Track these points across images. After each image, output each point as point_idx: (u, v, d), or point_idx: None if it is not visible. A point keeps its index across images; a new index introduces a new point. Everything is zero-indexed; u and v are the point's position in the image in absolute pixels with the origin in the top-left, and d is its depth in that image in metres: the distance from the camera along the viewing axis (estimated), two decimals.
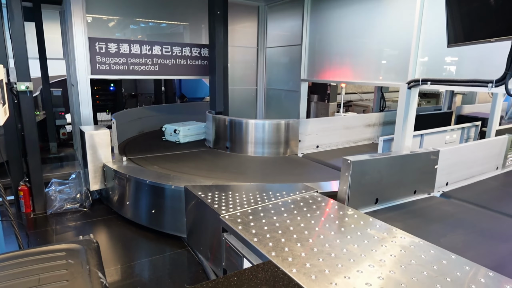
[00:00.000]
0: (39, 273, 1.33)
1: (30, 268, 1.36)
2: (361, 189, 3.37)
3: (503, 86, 3.09)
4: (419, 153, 3.89)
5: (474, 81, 3.32)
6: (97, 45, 5.05)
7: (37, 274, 1.32)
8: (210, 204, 3.13)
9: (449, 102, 7.97)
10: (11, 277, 1.31)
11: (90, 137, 4.44)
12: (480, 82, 3.26)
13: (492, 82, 3.16)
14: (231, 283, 2.00)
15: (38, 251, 1.51)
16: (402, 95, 3.97)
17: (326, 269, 2.14)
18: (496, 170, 5.13)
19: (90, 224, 4.35)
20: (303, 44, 5.39)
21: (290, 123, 5.46)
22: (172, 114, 7.75)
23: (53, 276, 1.31)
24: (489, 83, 3.19)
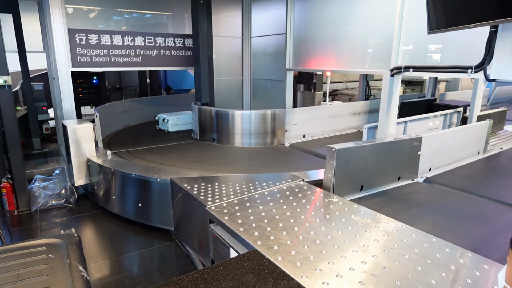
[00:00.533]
0: (18, 268, 1.31)
1: (9, 264, 1.34)
2: (346, 176, 3.42)
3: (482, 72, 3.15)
4: (403, 139, 3.95)
5: (455, 67, 3.37)
6: (77, 37, 4.92)
7: (16, 269, 1.30)
8: (196, 195, 3.13)
9: (432, 89, 8.08)
10: None
11: (73, 131, 4.36)
12: (460, 68, 3.31)
13: (471, 68, 3.21)
14: (217, 273, 2.01)
15: (18, 246, 1.49)
16: (385, 82, 4.00)
17: (311, 256, 2.17)
18: (477, 155, 5.25)
19: (76, 220, 4.30)
20: (288, 33, 5.36)
21: (276, 113, 5.46)
22: (158, 106, 7.66)
23: (33, 271, 1.30)
24: (468, 69, 3.24)
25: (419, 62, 3.88)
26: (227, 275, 1.99)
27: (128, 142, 5.64)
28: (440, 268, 1.97)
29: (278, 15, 5.89)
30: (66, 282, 1.25)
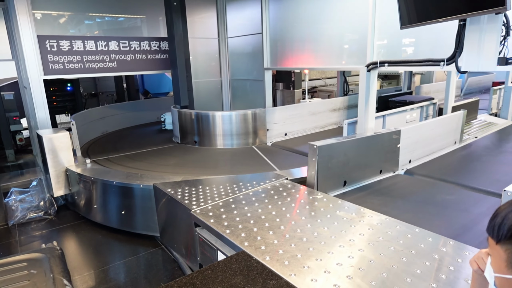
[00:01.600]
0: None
1: None
2: (329, 173, 3.46)
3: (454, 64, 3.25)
4: (382, 133, 4.03)
5: (428, 61, 3.46)
6: (48, 43, 4.76)
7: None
8: (181, 200, 3.09)
9: (408, 82, 8.29)
10: None
11: (49, 141, 4.22)
12: (433, 61, 3.41)
13: (443, 61, 3.31)
14: (205, 277, 1.99)
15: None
16: (362, 78, 4.07)
17: (299, 253, 2.18)
18: (454, 144, 5.42)
19: (57, 232, 4.16)
20: (264, 32, 5.37)
21: (257, 113, 5.47)
22: (136, 111, 7.53)
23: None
24: (441, 62, 3.33)
25: (394, 56, 3.96)
26: (215, 278, 1.97)
27: (108, 149, 5.51)
28: (424, 258, 2.02)
29: (253, 14, 5.89)
30: None
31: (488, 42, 3.02)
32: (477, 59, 3.11)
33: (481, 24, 3.02)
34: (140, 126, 7.41)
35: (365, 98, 4.11)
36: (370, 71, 4.03)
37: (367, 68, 4.00)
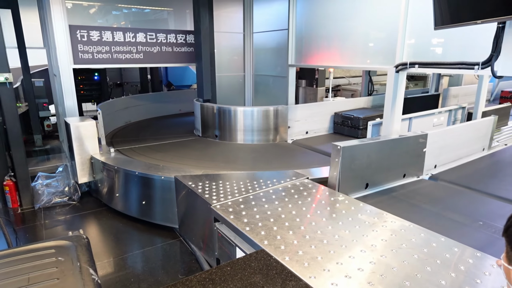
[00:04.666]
0: (28, 272, 1.30)
1: (19, 267, 1.33)
2: (351, 174, 3.40)
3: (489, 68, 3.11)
4: (408, 136, 3.93)
5: (461, 64, 3.33)
6: (78, 33, 4.88)
7: (27, 273, 1.29)
8: (201, 194, 3.12)
9: (436, 84, 8.03)
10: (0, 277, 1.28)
11: (76, 129, 4.33)
12: (466, 64, 3.27)
13: (478, 64, 3.17)
14: (224, 273, 2.00)
15: (27, 249, 1.47)
16: (390, 78, 3.97)
17: (319, 255, 2.16)
18: (482, 151, 5.23)
19: (80, 218, 4.29)
20: (290, 28, 5.31)
21: (279, 110, 5.43)
22: (159, 102, 7.63)
23: (43, 275, 1.28)
24: (475, 66, 3.20)
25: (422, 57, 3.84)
26: (235, 275, 1.98)
27: (131, 139, 5.62)
28: (450, 268, 1.96)
29: (280, 10, 5.83)
30: (77, 286, 1.24)
31: None
32: None
33: None
34: (162, 118, 7.51)
35: (392, 100, 4.01)
36: (399, 72, 3.92)
37: (396, 69, 3.89)
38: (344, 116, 5.91)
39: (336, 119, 6.07)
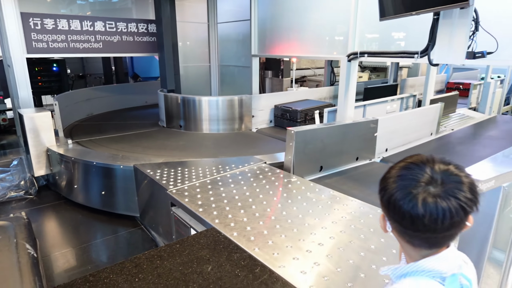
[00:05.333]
0: None
1: None
2: (305, 158, 3.55)
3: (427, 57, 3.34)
4: (359, 122, 4.14)
5: (403, 53, 3.55)
6: (31, 21, 4.71)
7: None
8: (159, 180, 3.16)
9: (394, 75, 8.40)
10: None
11: (30, 120, 4.22)
12: (407, 53, 3.49)
13: (417, 53, 3.39)
14: (173, 250, 2.08)
15: None
16: (343, 67, 4.14)
17: (265, 230, 2.29)
18: (430, 136, 5.58)
19: (38, 211, 4.20)
20: (252, 19, 5.38)
21: (243, 99, 5.52)
22: (124, 94, 7.50)
23: None
24: (415, 54, 3.42)
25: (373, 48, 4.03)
26: (183, 251, 2.07)
27: (92, 131, 5.52)
28: (381, 235, 2.14)
29: (243, 1, 5.88)
30: (11, 259, 1.28)
31: (458, 37, 3.11)
32: (447, 53, 3.21)
33: (453, 19, 3.10)
34: (127, 109, 7.40)
35: (345, 87, 4.19)
36: (351, 61, 4.10)
37: (348, 58, 4.07)
38: (283, 109, 5.71)
39: (276, 112, 5.85)
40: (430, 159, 0.87)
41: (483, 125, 6.77)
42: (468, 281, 0.87)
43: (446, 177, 0.82)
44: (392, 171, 0.89)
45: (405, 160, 0.90)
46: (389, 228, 0.91)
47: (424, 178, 0.82)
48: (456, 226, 0.82)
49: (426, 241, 0.86)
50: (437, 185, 0.81)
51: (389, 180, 0.87)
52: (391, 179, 0.87)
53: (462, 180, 0.82)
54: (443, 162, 0.86)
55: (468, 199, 0.81)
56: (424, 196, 0.80)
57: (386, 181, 0.88)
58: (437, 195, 0.80)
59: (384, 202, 0.88)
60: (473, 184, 0.83)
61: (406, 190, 0.83)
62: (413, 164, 0.86)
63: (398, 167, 0.89)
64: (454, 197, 0.80)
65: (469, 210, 0.82)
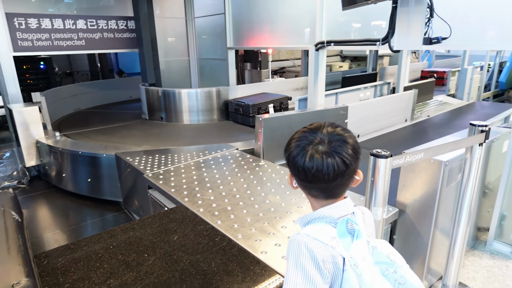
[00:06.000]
0: None
1: None
2: (274, 143, 3.84)
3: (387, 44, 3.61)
4: (329, 109, 4.43)
5: (366, 40, 3.82)
6: (16, 21, 4.92)
7: None
8: (137, 166, 3.44)
9: (373, 64, 8.67)
10: None
11: (19, 114, 4.46)
12: (370, 41, 3.76)
13: (379, 40, 3.67)
14: (145, 223, 2.38)
15: None
16: (311, 56, 4.42)
17: (229, 206, 2.58)
18: (405, 122, 5.88)
19: (29, 199, 4.47)
20: (227, 12, 5.61)
21: (220, 90, 5.78)
22: (109, 89, 7.72)
23: None
24: (377, 42, 3.69)
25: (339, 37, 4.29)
26: (153, 224, 2.36)
27: (79, 125, 5.77)
28: None
29: None
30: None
31: (415, 24, 3.37)
32: (406, 39, 3.47)
33: (410, 7, 3.36)
34: (112, 104, 7.63)
35: (315, 76, 4.47)
36: (319, 50, 4.37)
37: (316, 47, 4.34)
38: (236, 104, 5.65)
39: (230, 107, 5.79)
40: (323, 125, 1.05)
41: (461, 111, 7.03)
42: (356, 225, 1.03)
43: (332, 136, 0.99)
44: (294, 135, 1.07)
45: (305, 127, 1.09)
46: (295, 184, 1.10)
47: (316, 139, 0.99)
48: (341, 177, 0.98)
49: (321, 191, 1.02)
50: (325, 144, 0.98)
51: (291, 142, 1.06)
52: (293, 141, 1.05)
53: (346, 140, 0.99)
54: (332, 126, 1.04)
55: (349, 155, 0.97)
56: (312, 152, 0.97)
57: (289, 143, 1.07)
58: (323, 151, 0.97)
59: (287, 160, 1.06)
60: (355, 143, 1.02)
61: (301, 149, 1.00)
62: (309, 130, 1.05)
63: (299, 132, 1.07)
64: (337, 152, 0.97)
65: (349, 164, 0.98)
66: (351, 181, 1.05)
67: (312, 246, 0.96)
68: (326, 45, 4.23)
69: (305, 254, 0.96)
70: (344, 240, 0.99)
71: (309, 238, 0.98)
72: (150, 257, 1.97)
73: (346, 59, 10.83)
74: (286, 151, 1.06)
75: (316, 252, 0.95)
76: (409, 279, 0.99)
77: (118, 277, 1.79)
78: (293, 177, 1.08)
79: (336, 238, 0.99)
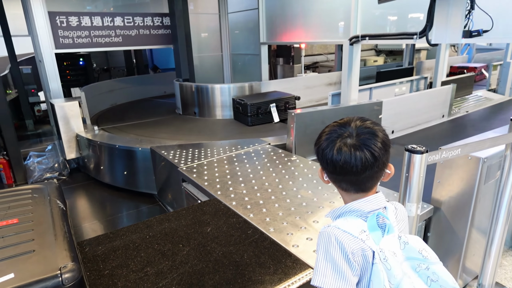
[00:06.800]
0: (9, 202, 1.71)
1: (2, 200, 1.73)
2: (306, 138, 3.79)
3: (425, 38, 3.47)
4: (362, 104, 4.31)
5: (403, 34, 3.68)
6: (58, 19, 5.16)
7: (8, 203, 1.70)
8: (171, 159, 3.52)
9: (410, 58, 8.35)
10: None
11: (61, 109, 4.69)
12: (407, 34, 3.62)
13: (416, 34, 3.52)
14: (179, 215, 2.43)
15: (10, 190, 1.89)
16: (345, 51, 4.31)
17: (261, 200, 2.58)
18: (442, 118, 5.62)
19: (70, 190, 4.70)
20: (260, 7, 5.59)
21: (253, 86, 5.78)
22: (144, 85, 7.95)
23: (21, 204, 1.69)
24: (414, 35, 3.55)
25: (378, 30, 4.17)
26: (187, 216, 2.41)
27: (115, 119, 5.99)
28: None
29: None
30: (46, 209, 1.65)
31: (454, 16, 3.22)
32: (445, 32, 3.32)
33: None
34: (147, 99, 7.85)
35: (348, 71, 4.37)
36: (353, 45, 4.26)
37: (350, 42, 4.23)
38: (237, 102, 5.36)
39: (233, 105, 5.54)
40: (352, 119, 1.05)
41: (502, 107, 6.64)
42: (387, 219, 1.03)
43: (361, 130, 0.99)
44: (325, 129, 1.08)
45: (335, 121, 1.09)
46: (326, 177, 1.11)
47: (345, 133, 1.00)
48: (370, 169, 0.98)
49: (351, 184, 1.03)
50: (353, 137, 0.99)
51: (321, 136, 1.07)
52: (323, 135, 1.06)
53: (375, 133, 0.99)
54: (361, 120, 1.04)
55: (378, 147, 0.97)
56: (340, 145, 0.99)
57: (319, 137, 1.08)
58: (351, 144, 0.98)
59: (317, 153, 1.08)
60: (385, 136, 1.01)
61: (329, 142, 1.02)
62: (339, 124, 1.05)
63: (329, 126, 1.08)
64: (365, 145, 0.97)
65: (378, 157, 0.97)
66: (381, 175, 1.03)
67: (342, 238, 0.97)
68: (361, 39, 4.12)
69: (335, 246, 0.97)
70: (375, 234, 1.00)
71: (339, 230, 0.99)
72: (184, 247, 2.00)
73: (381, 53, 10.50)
74: (316, 144, 1.08)
75: (345, 244, 0.96)
76: (442, 276, 0.97)
77: (154, 265, 1.84)
78: (323, 170, 1.09)
79: (366, 232, 0.99)
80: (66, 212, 1.73)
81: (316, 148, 1.08)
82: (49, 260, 1.29)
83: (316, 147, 1.07)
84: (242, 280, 1.72)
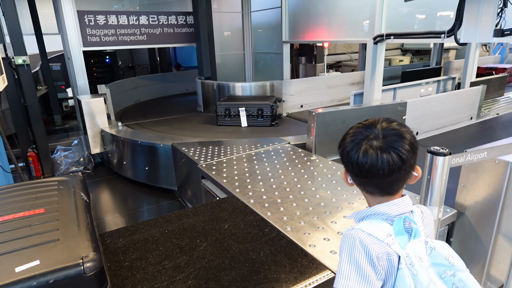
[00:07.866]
0: (36, 193, 1.78)
1: (30, 191, 1.81)
2: (327, 138, 3.75)
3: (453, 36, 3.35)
4: (385, 104, 4.22)
5: (429, 33, 3.57)
6: (86, 18, 5.33)
7: (35, 194, 1.77)
8: (192, 156, 3.57)
9: (437, 57, 8.09)
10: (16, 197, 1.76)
11: (87, 105, 4.85)
12: (434, 33, 3.51)
13: (444, 33, 3.41)
14: (198, 211, 2.45)
15: (37, 181, 1.96)
16: (369, 50, 4.23)
17: (279, 199, 2.58)
18: (470, 120, 5.42)
19: (94, 183, 4.85)
20: (283, 6, 5.57)
21: (274, 84, 5.77)
22: (167, 82, 8.09)
23: (47, 195, 1.76)
24: (441, 34, 3.44)
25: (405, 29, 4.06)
26: (206, 212, 2.43)
27: (138, 116, 6.12)
28: None
29: None
30: (70, 202, 1.71)
31: (486, 14, 3.10)
32: (474, 31, 3.20)
33: None
34: (170, 97, 7.99)
35: (372, 70, 4.28)
36: (377, 44, 4.18)
37: (374, 41, 4.15)
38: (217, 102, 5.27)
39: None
40: (378, 120, 1.02)
41: None
42: (415, 224, 1.00)
43: (387, 131, 0.96)
44: (349, 131, 1.05)
45: (359, 123, 1.06)
46: (350, 180, 1.07)
47: (370, 135, 0.97)
48: (397, 172, 0.95)
49: (376, 187, 1.00)
50: (379, 139, 0.96)
51: (346, 138, 1.04)
52: (347, 137, 1.04)
53: (403, 134, 0.96)
54: (387, 121, 1.01)
55: (405, 150, 0.94)
56: (366, 147, 0.95)
57: (343, 139, 1.05)
58: (377, 146, 0.94)
59: (342, 156, 1.05)
60: (412, 138, 0.98)
61: (355, 144, 0.99)
62: (364, 125, 1.02)
63: (354, 128, 1.05)
64: (392, 147, 0.94)
65: (406, 159, 0.94)
66: (408, 177, 1.01)
67: (367, 241, 0.95)
68: (386, 38, 4.02)
69: (359, 250, 0.95)
70: (401, 238, 0.97)
71: (364, 234, 0.97)
72: (202, 243, 2.02)
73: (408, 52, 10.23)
74: (340, 146, 1.05)
75: (370, 248, 0.94)
76: (469, 284, 0.94)
77: (172, 259, 1.87)
78: (348, 173, 1.06)
79: (392, 236, 0.97)
80: (89, 204, 1.78)
81: (340, 150, 1.05)
82: (72, 249, 1.34)
83: (341, 149, 1.04)
84: (258, 277, 1.72)
